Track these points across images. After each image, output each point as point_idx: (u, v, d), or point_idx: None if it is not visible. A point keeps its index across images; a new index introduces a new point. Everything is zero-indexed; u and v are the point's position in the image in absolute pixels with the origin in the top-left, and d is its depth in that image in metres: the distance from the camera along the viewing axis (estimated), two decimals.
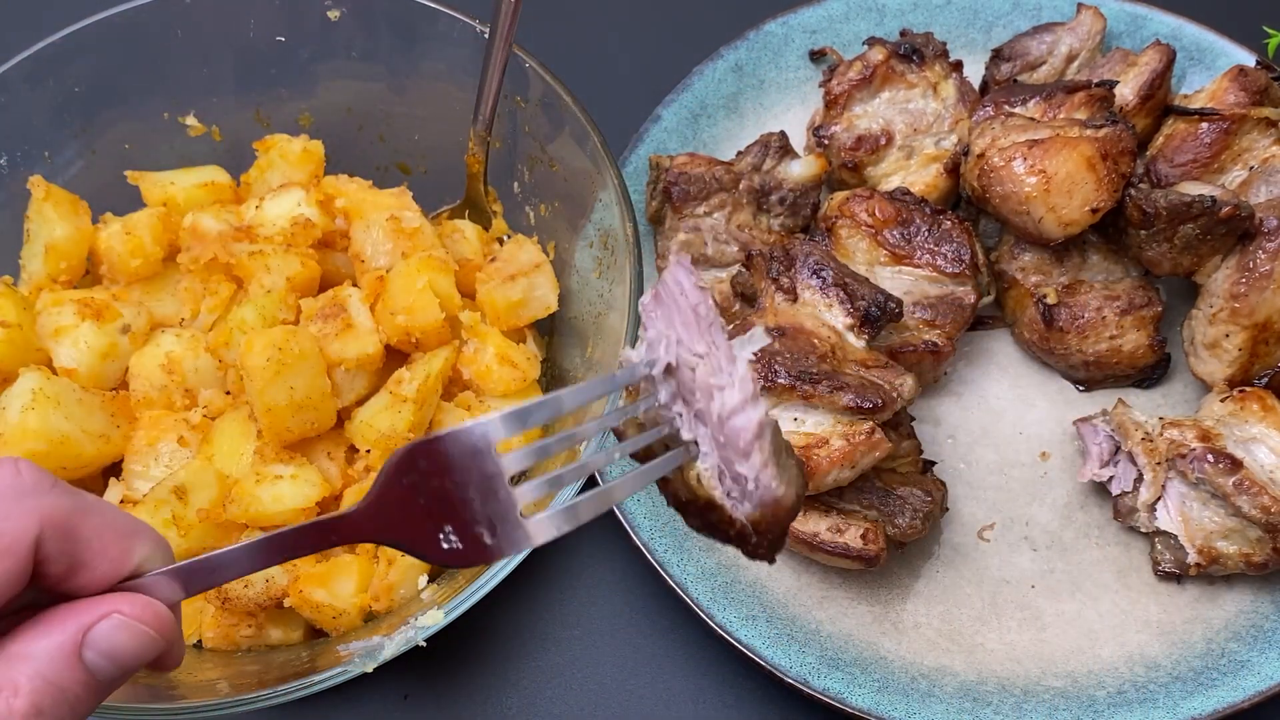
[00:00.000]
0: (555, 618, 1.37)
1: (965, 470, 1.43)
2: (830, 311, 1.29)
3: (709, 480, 0.81)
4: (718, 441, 0.79)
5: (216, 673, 1.16)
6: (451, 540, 0.76)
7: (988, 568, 1.37)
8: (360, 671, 1.05)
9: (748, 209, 1.48)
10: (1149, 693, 1.27)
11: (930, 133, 1.52)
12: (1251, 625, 1.31)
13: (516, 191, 1.46)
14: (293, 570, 1.18)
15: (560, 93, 1.32)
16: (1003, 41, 1.64)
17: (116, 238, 1.32)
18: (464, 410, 1.30)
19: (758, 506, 0.78)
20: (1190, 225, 1.31)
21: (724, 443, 0.79)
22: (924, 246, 1.39)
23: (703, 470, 0.81)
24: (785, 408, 1.25)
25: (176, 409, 1.26)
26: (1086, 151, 1.31)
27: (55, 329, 1.25)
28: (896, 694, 1.25)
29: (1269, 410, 1.30)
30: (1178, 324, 1.46)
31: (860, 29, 1.68)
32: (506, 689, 1.33)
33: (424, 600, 1.18)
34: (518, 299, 1.34)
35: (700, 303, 0.79)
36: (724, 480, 0.80)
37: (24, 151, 1.35)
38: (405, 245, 1.31)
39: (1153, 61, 1.49)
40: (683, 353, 0.80)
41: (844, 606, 1.33)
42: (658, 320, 0.81)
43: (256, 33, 1.41)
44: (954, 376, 1.49)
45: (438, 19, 1.37)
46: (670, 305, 0.81)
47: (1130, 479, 1.33)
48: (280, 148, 1.40)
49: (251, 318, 1.24)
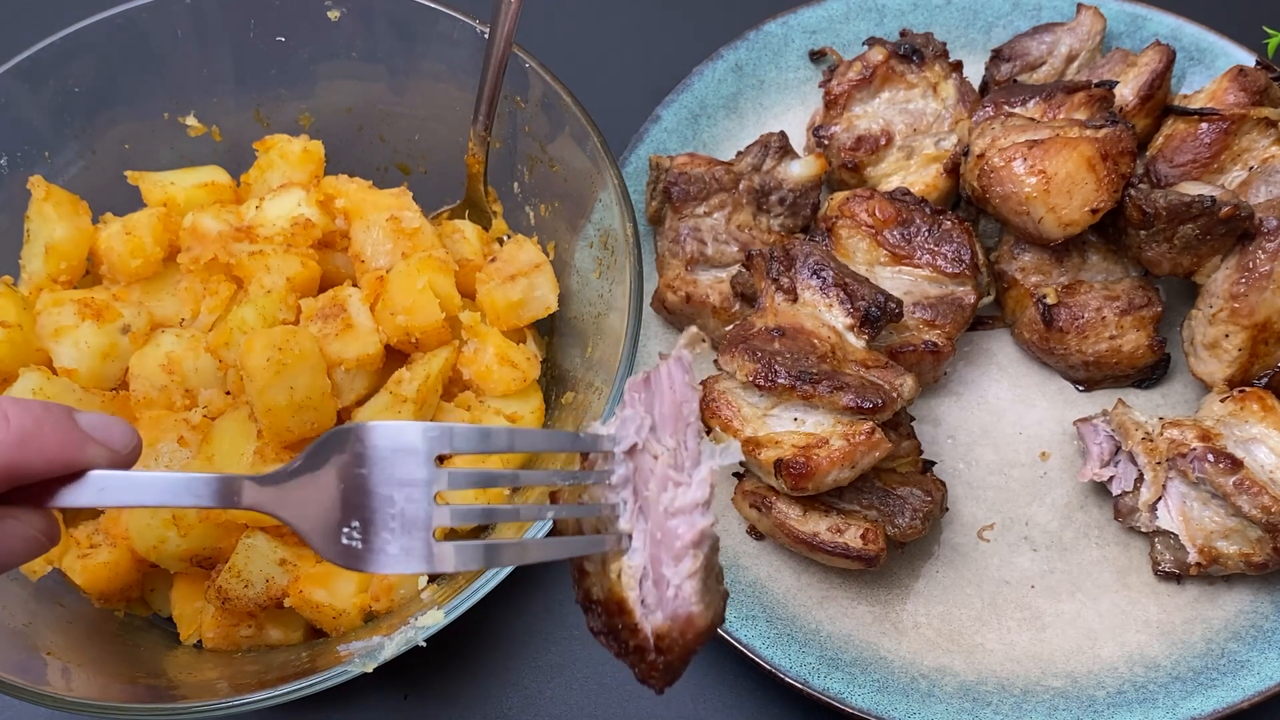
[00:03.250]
0: (555, 617, 1.37)
1: (965, 470, 1.43)
2: (830, 311, 1.29)
3: (628, 580, 0.77)
4: (654, 538, 0.76)
5: (216, 673, 1.16)
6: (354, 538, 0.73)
7: (988, 568, 1.37)
8: (360, 671, 1.05)
9: (748, 209, 1.48)
10: (1149, 693, 1.27)
11: (930, 133, 1.52)
12: (1251, 625, 1.31)
13: (516, 191, 1.46)
14: (293, 570, 1.19)
15: (560, 93, 1.32)
16: (1003, 41, 1.64)
17: (116, 238, 1.32)
18: (464, 410, 1.30)
19: (669, 618, 0.74)
20: (1190, 225, 1.31)
21: (660, 539, 0.75)
22: (924, 246, 1.39)
23: (626, 566, 0.78)
24: (785, 408, 1.25)
25: (176, 409, 1.26)
26: (1086, 152, 1.31)
27: (55, 329, 1.25)
28: (896, 694, 1.25)
29: (1269, 410, 1.30)
30: (1178, 324, 1.46)
31: (860, 29, 1.68)
32: (506, 689, 1.33)
33: (424, 600, 1.18)
34: (518, 299, 1.34)
35: (686, 402, 0.77)
36: (643, 584, 0.76)
37: (24, 151, 1.35)
38: (405, 245, 1.31)
39: (1153, 62, 1.49)
40: (651, 440, 0.78)
41: (844, 606, 1.33)
42: (639, 403, 0.79)
43: (256, 33, 1.41)
44: (954, 376, 1.49)
45: (438, 19, 1.37)
46: (657, 394, 0.79)
47: (1131, 479, 1.33)
48: (280, 148, 1.40)
49: (251, 318, 1.24)
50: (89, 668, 1.14)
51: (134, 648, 1.23)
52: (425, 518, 0.73)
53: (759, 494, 1.28)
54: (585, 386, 1.29)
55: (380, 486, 0.73)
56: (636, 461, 0.79)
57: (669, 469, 0.76)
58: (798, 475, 1.19)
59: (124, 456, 0.82)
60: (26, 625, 1.17)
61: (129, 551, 1.19)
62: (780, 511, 1.26)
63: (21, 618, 1.18)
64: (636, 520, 0.78)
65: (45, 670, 1.10)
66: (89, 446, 0.80)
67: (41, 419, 0.78)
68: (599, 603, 0.80)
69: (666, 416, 0.78)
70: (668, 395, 0.78)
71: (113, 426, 0.82)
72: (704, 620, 0.75)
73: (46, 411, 0.79)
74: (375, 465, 0.73)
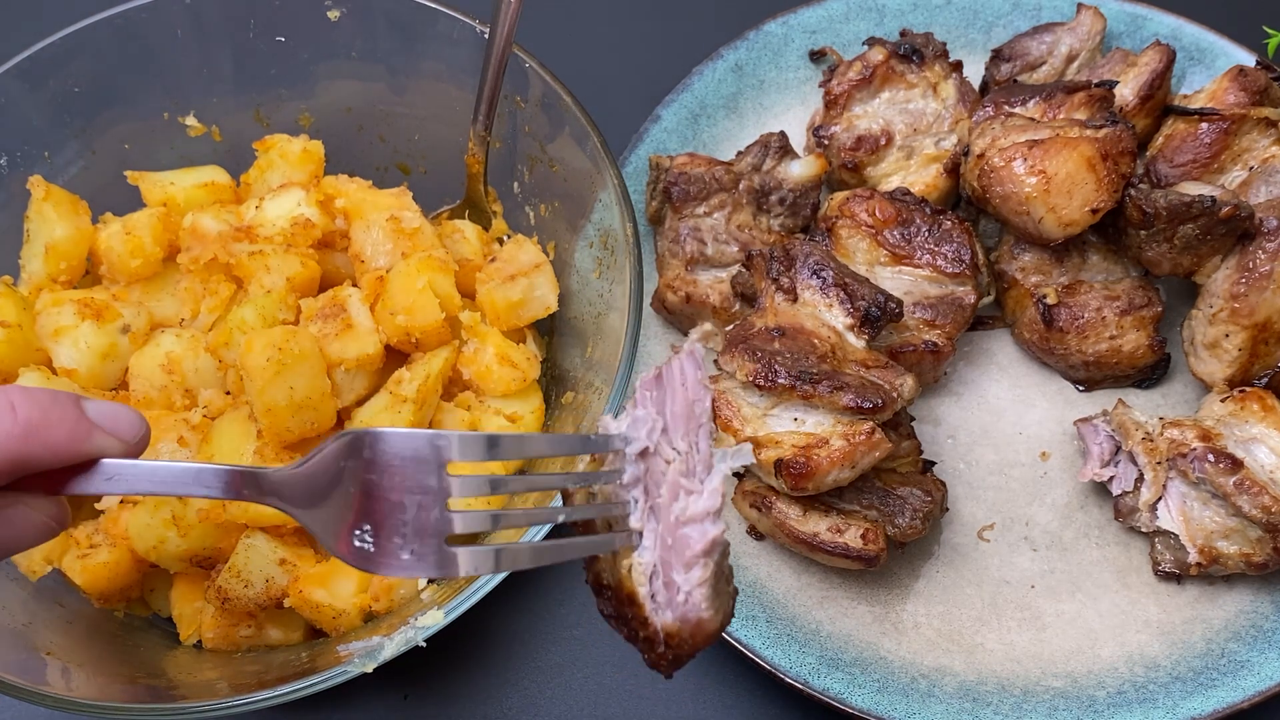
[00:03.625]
0: (555, 617, 1.37)
1: (965, 470, 1.43)
2: (830, 311, 1.29)
3: (639, 575, 0.77)
4: (664, 542, 0.76)
5: (216, 673, 1.16)
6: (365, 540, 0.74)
7: (988, 568, 1.37)
8: (360, 671, 1.05)
9: (748, 209, 1.48)
10: (1149, 693, 1.27)
11: (930, 133, 1.52)
12: (1251, 625, 1.31)
13: (516, 191, 1.46)
14: (293, 570, 1.19)
15: (560, 93, 1.32)
16: (1003, 41, 1.64)
17: (116, 238, 1.32)
18: (464, 410, 1.30)
19: (679, 620, 0.75)
20: (1190, 225, 1.31)
21: (670, 545, 0.75)
22: (924, 246, 1.39)
23: (637, 563, 0.78)
24: (785, 408, 1.25)
25: (176, 409, 1.26)
26: (1086, 152, 1.31)
27: (55, 329, 1.25)
28: (896, 694, 1.25)
29: (1269, 410, 1.30)
30: (1178, 324, 1.46)
31: (860, 29, 1.68)
32: (506, 689, 1.33)
33: (424, 600, 1.18)
34: (518, 299, 1.34)
35: (699, 400, 0.77)
36: (653, 581, 0.77)
37: (24, 151, 1.35)
38: (405, 245, 1.31)
39: (1153, 62, 1.49)
40: (663, 443, 0.77)
41: (844, 606, 1.33)
42: (650, 402, 0.79)
43: (256, 33, 1.41)
44: (954, 376, 1.49)
45: (438, 19, 1.37)
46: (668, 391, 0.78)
47: (1131, 479, 1.33)
48: (280, 148, 1.40)
49: (251, 318, 1.24)
50: (89, 668, 1.14)
51: (134, 648, 1.23)
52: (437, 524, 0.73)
53: (759, 494, 1.28)
54: (585, 386, 1.29)
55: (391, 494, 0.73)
56: (648, 463, 0.78)
57: (680, 476, 0.76)
58: (798, 475, 1.19)
59: (133, 445, 0.82)
60: (26, 625, 1.17)
61: (129, 551, 1.19)
62: (780, 511, 1.26)
63: (21, 618, 1.18)
64: (647, 520, 0.78)
65: (45, 670, 1.10)
66: (96, 436, 0.79)
67: (49, 409, 0.77)
68: (610, 588, 0.80)
69: (679, 416, 0.77)
70: (680, 393, 0.77)
71: (121, 415, 0.82)
72: (713, 624, 0.75)
73: (54, 401, 0.78)
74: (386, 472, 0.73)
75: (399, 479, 0.72)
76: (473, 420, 1.30)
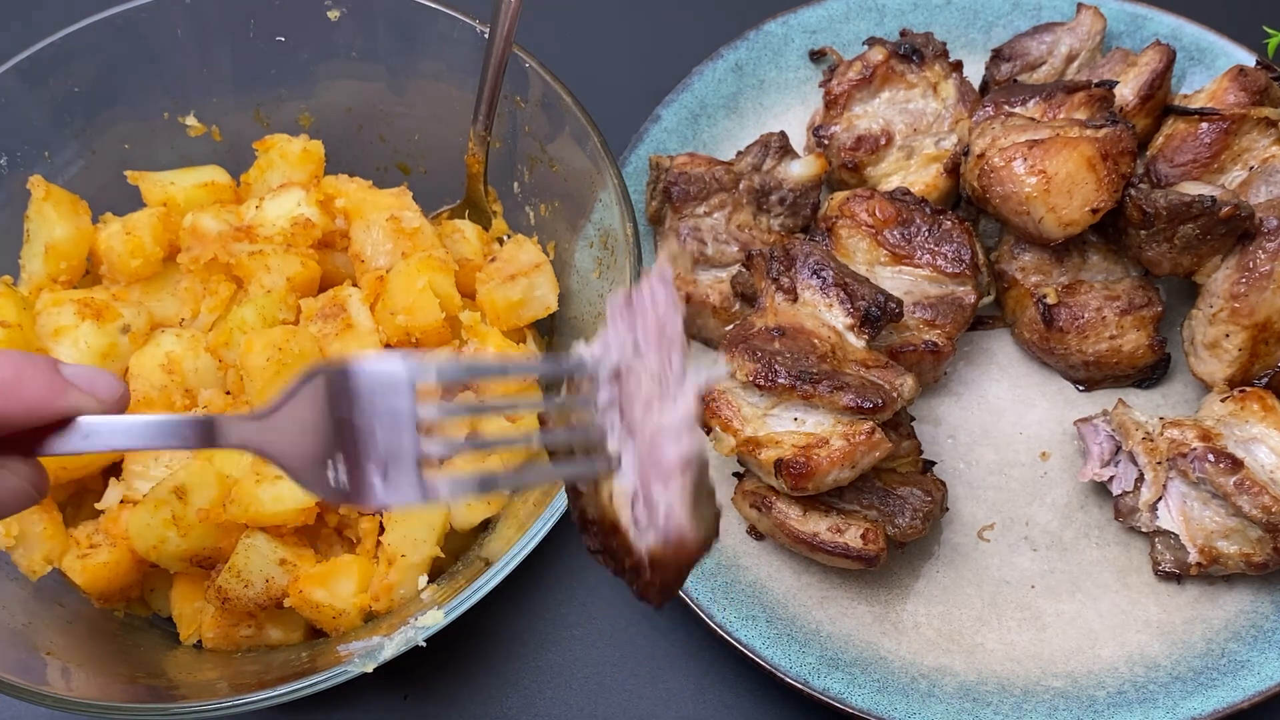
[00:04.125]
0: (555, 618, 1.37)
1: (965, 470, 1.43)
2: (830, 311, 1.29)
3: (620, 501, 0.77)
4: (642, 457, 0.75)
5: (216, 673, 1.16)
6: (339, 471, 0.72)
7: (988, 568, 1.37)
8: (360, 671, 1.06)
9: (748, 209, 1.48)
10: (1149, 693, 1.27)
11: (930, 133, 1.52)
12: (1251, 625, 1.31)
13: (516, 191, 1.46)
14: (293, 570, 1.19)
15: (560, 93, 1.32)
16: (1003, 41, 1.64)
17: (116, 238, 1.32)
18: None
19: (661, 539, 0.74)
20: (1190, 225, 1.31)
21: (648, 459, 0.75)
22: (924, 246, 1.39)
23: (617, 489, 0.77)
24: (785, 408, 1.25)
25: (176, 409, 1.26)
26: (1086, 152, 1.31)
27: (55, 329, 1.25)
28: (896, 694, 1.25)
29: (1269, 410, 1.30)
30: (1178, 324, 1.46)
31: (860, 29, 1.68)
32: (506, 689, 1.33)
33: (424, 600, 1.18)
34: (518, 299, 1.34)
35: (669, 321, 0.76)
36: (635, 506, 0.76)
37: (24, 151, 1.35)
38: (405, 245, 1.31)
39: (1153, 61, 1.49)
40: (636, 362, 0.76)
41: (844, 606, 1.33)
42: (621, 324, 0.78)
43: (256, 33, 1.41)
44: (954, 376, 1.49)
45: (438, 19, 1.37)
46: (639, 313, 0.77)
47: (1131, 479, 1.33)
48: (280, 148, 1.40)
49: (251, 318, 1.24)
50: (89, 668, 1.14)
51: (134, 648, 1.23)
52: (411, 450, 0.71)
53: (759, 494, 1.28)
54: None
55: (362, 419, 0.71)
56: (623, 386, 0.77)
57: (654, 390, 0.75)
58: (798, 475, 1.19)
59: (110, 405, 0.81)
60: (26, 625, 1.17)
61: (129, 551, 1.19)
62: (780, 511, 1.26)
63: (21, 618, 1.18)
64: (625, 442, 0.77)
65: (45, 670, 1.10)
66: (72, 393, 0.79)
67: (23, 365, 0.77)
68: (594, 522, 0.79)
69: (650, 336, 0.76)
70: (650, 314, 0.76)
71: (97, 376, 0.81)
72: (696, 540, 0.74)
73: (28, 360, 0.78)
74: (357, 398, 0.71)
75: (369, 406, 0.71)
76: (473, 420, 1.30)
